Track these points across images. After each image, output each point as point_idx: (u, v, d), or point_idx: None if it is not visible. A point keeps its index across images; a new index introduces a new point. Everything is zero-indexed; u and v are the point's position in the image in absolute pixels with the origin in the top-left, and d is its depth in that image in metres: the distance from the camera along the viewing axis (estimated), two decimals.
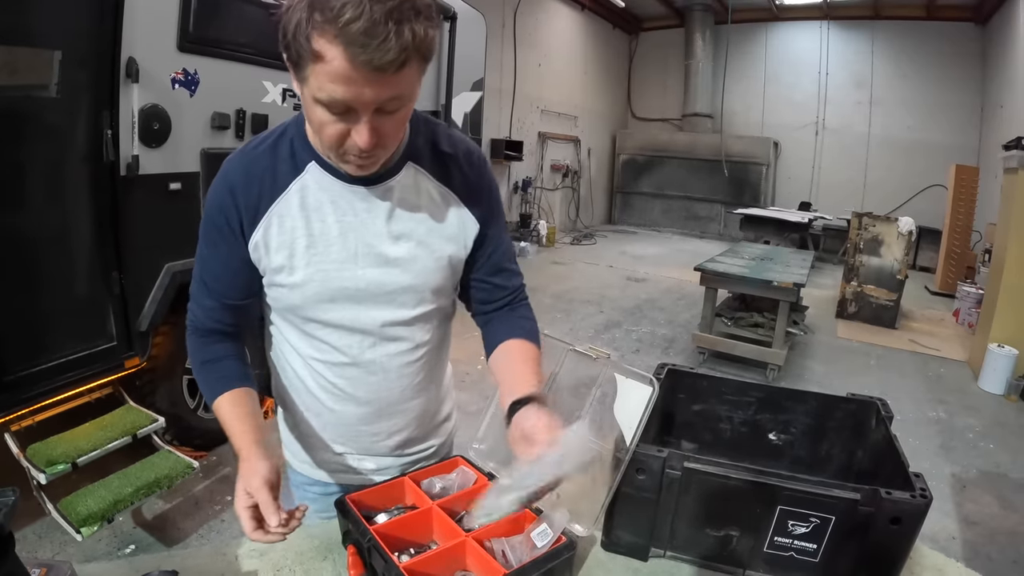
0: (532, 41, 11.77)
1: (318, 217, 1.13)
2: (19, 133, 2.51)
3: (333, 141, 0.98)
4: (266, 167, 1.12)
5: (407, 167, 1.16)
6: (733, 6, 12.43)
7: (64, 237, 2.75)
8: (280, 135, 1.15)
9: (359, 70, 0.87)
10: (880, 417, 1.34)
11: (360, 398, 1.26)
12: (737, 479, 1.10)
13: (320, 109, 0.94)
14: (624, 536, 1.20)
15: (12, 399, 2.55)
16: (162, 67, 2.93)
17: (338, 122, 0.95)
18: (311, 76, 0.90)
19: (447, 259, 1.21)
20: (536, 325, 1.33)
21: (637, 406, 1.14)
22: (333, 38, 0.85)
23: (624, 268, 10.06)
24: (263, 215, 1.12)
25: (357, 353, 1.22)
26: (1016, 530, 3.36)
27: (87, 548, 2.70)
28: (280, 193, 1.12)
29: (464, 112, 6.19)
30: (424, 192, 1.18)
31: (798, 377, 5.49)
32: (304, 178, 1.12)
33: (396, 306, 1.20)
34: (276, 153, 1.13)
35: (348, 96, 0.90)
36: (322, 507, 1.37)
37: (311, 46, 0.87)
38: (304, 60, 0.89)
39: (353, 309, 1.17)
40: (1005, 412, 5.05)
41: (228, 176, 1.13)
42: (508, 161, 11.04)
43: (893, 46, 12.79)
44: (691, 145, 14.58)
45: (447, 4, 5.48)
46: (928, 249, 11.04)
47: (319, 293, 1.15)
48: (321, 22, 0.85)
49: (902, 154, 12.69)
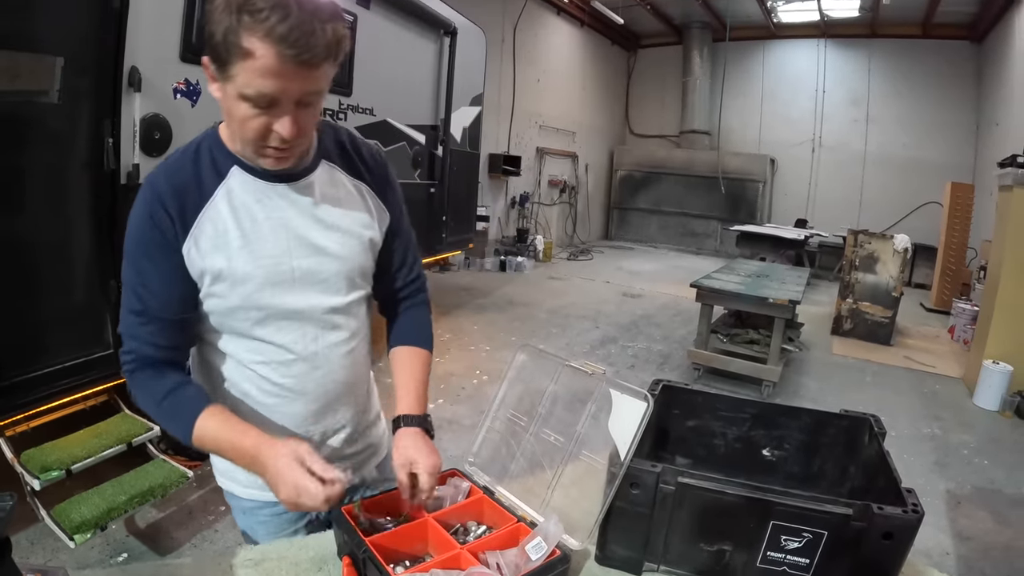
0: (531, 57, 11.86)
1: (247, 216, 1.17)
2: (20, 138, 2.51)
3: (256, 135, 1.07)
4: (190, 177, 1.16)
5: (322, 164, 1.26)
6: (731, 24, 12.54)
7: (63, 244, 2.75)
8: (197, 147, 1.19)
9: (287, 65, 0.98)
10: (873, 433, 1.35)
11: (308, 393, 1.28)
12: (731, 494, 1.10)
13: (245, 105, 1.02)
14: (618, 550, 1.20)
15: (7, 404, 2.54)
16: (164, 77, 2.95)
17: (261, 115, 1.04)
18: (239, 73, 0.99)
19: (369, 242, 1.31)
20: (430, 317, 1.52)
21: (631, 421, 1.15)
22: (264, 36, 0.95)
23: (620, 284, 10.08)
24: (193, 222, 1.15)
25: (301, 348, 1.25)
26: (1011, 545, 3.36)
27: (79, 555, 2.68)
28: (207, 199, 1.16)
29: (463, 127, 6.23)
30: (341, 185, 1.28)
31: (793, 394, 5.49)
32: (229, 182, 1.17)
33: (332, 292, 1.27)
34: (198, 163, 1.17)
35: (275, 90, 1.00)
36: (275, 527, 1.38)
37: (241, 44, 0.96)
38: (232, 58, 0.98)
39: (293, 298, 1.22)
40: (1000, 428, 5.06)
41: (155, 189, 1.14)
42: (506, 176, 11.10)
43: (889, 64, 12.94)
44: (688, 161, 14.66)
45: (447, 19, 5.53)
46: (924, 266, 11.08)
47: (259, 288, 1.18)
48: (251, 22, 0.95)
49: (898, 171, 12.80)
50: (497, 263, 10.42)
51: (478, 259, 10.25)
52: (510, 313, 7.64)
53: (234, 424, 1.15)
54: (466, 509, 1.26)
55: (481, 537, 1.18)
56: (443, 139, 5.82)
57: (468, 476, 1.33)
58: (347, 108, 4.15)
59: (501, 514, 1.23)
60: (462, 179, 6.48)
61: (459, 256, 9.34)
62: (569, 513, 1.17)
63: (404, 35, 5.02)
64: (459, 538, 1.16)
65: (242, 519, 1.41)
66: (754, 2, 12.18)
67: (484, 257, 10.38)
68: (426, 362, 1.43)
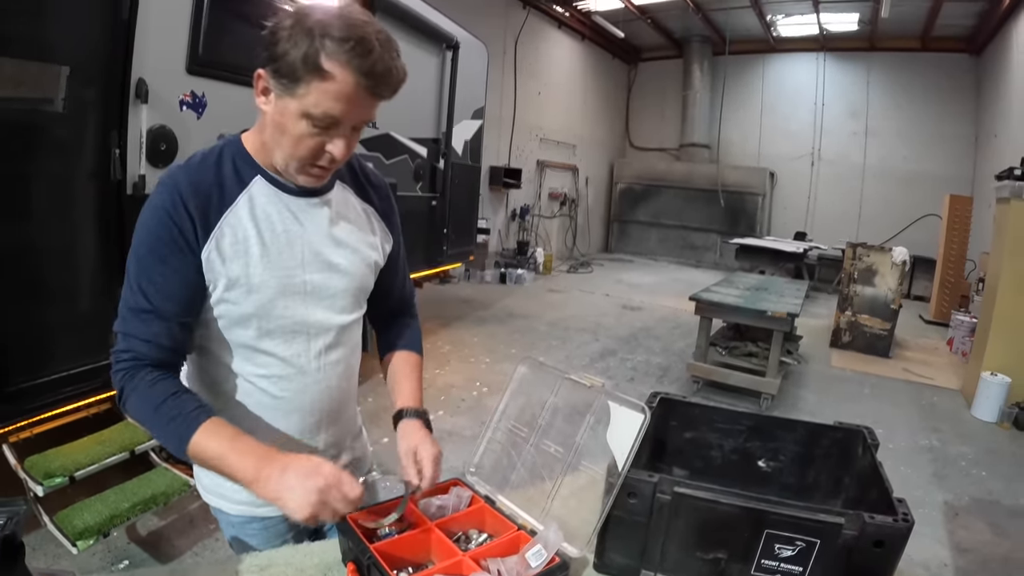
0: (533, 70, 11.93)
1: (267, 226, 1.20)
2: (25, 146, 2.53)
3: (309, 152, 1.12)
4: (213, 181, 1.18)
5: (337, 184, 1.32)
6: (731, 37, 12.62)
7: (69, 252, 2.77)
8: (219, 155, 1.21)
9: (360, 93, 1.05)
10: (866, 445, 1.37)
11: (304, 408, 1.31)
12: (725, 503, 1.13)
13: (305, 123, 1.08)
14: (616, 558, 1.22)
15: (13, 410, 2.56)
16: (171, 89, 2.98)
17: (318, 136, 1.10)
18: (310, 93, 1.05)
19: (373, 263, 1.37)
20: (420, 332, 1.58)
21: (629, 433, 1.18)
22: (346, 64, 1.02)
23: (620, 297, 10.10)
24: (215, 225, 1.16)
25: (304, 362, 1.28)
26: (1009, 557, 3.37)
27: (81, 562, 2.69)
28: (229, 204, 1.18)
29: (464, 140, 6.26)
30: (352, 206, 1.35)
31: (791, 406, 5.50)
32: (251, 190, 1.20)
33: (338, 309, 1.31)
34: (220, 168, 1.20)
35: (342, 114, 1.07)
36: (264, 540, 1.39)
37: (321, 67, 1.02)
38: (307, 78, 1.04)
39: (303, 311, 1.25)
40: (998, 440, 5.08)
41: (177, 186, 1.14)
42: (506, 189, 11.14)
43: (888, 77, 13.02)
44: (688, 175, 14.72)
45: (450, 33, 5.57)
46: (922, 278, 11.12)
47: (272, 298, 1.21)
48: (334, 49, 1.01)
49: (897, 184, 12.85)
50: (497, 275, 10.45)
51: (478, 271, 10.28)
52: (510, 325, 7.65)
53: (241, 434, 1.12)
54: (468, 517, 1.28)
55: (482, 544, 1.20)
56: (445, 152, 5.85)
57: (469, 486, 1.35)
58: None
59: (502, 522, 1.25)
60: (463, 192, 6.51)
61: (460, 268, 9.37)
62: (568, 521, 1.19)
63: (407, 49, 4.99)
64: (461, 545, 1.19)
65: (233, 533, 1.41)
66: (754, 16, 12.26)
67: (484, 269, 10.41)
68: (418, 364, 1.51)
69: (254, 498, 1.22)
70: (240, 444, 1.10)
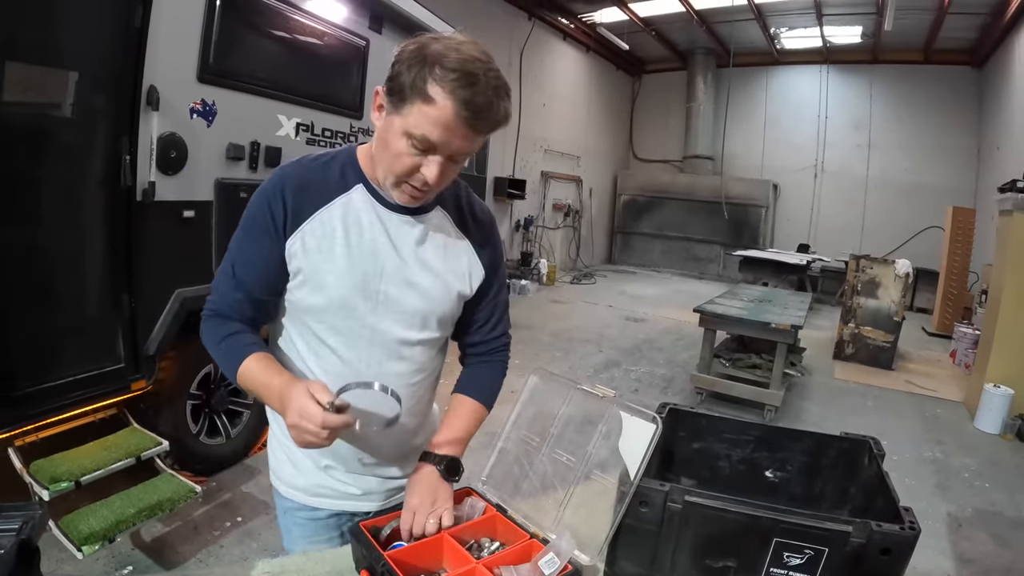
0: (537, 81, 11.98)
1: (356, 231, 1.25)
2: (34, 151, 2.55)
3: (404, 170, 1.15)
4: (318, 179, 1.27)
5: (436, 209, 1.34)
6: (735, 50, 12.65)
7: (78, 257, 2.79)
8: (332, 158, 1.29)
9: (458, 123, 1.08)
10: (872, 455, 1.38)
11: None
12: (735, 512, 1.14)
13: (405, 141, 1.12)
14: (627, 566, 1.23)
15: (19, 414, 2.58)
16: (182, 96, 3.00)
17: (415, 156, 1.13)
18: (413, 114, 1.09)
19: (456, 293, 1.36)
20: (501, 379, 1.56)
21: (641, 442, 1.19)
22: (449, 92, 1.06)
23: (623, 308, 10.11)
24: (306, 219, 1.24)
25: (364, 368, 1.30)
26: (1011, 568, 3.37)
27: (85, 567, 2.70)
28: (326, 203, 1.25)
29: None
30: (447, 234, 1.36)
31: (795, 418, 5.49)
32: (351, 195, 1.26)
33: (406, 325, 1.31)
34: (328, 170, 1.27)
35: (438, 139, 1.10)
36: (308, 532, 1.44)
37: (425, 90, 1.07)
38: (412, 99, 1.08)
39: (372, 319, 1.28)
40: (1001, 451, 5.08)
41: (284, 178, 1.25)
42: (510, 200, 11.14)
43: (891, 90, 13.05)
44: (691, 186, 14.75)
45: None
46: (925, 290, 11.12)
47: (343, 298, 1.25)
48: (441, 76, 1.06)
49: (900, 196, 12.86)
50: None
51: None
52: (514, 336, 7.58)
53: (274, 367, 1.23)
54: (480, 526, 1.29)
55: (495, 552, 1.21)
56: None
57: (482, 495, 1.36)
58: (358, 131, 4.20)
59: (514, 531, 1.26)
60: None
61: None
62: (580, 530, 1.20)
63: None
64: (474, 554, 1.20)
65: (282, 517, 1.48)
66: (757, 29, 12.31)
67: None
68: (473, 411, 1.46)
69: (306, 485, 1.38)
70: (274, 380, 1.20)
